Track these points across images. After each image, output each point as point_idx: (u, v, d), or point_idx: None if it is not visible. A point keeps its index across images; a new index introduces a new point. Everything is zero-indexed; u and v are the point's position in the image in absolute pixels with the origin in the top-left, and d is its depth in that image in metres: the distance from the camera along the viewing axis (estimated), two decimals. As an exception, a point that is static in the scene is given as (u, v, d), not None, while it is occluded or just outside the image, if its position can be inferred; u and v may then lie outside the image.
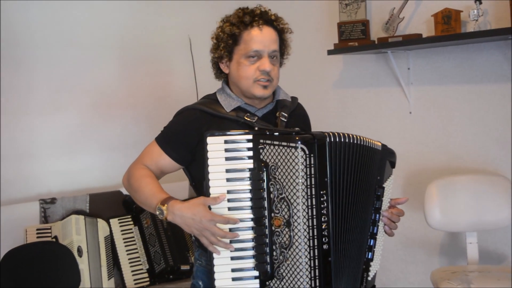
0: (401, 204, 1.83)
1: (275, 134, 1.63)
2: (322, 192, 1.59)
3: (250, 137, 1.64)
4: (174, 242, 3.16)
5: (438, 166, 3.06)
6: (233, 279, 1.62)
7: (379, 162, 1.76)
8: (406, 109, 3.18)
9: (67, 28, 3.39)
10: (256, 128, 1.73)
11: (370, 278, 1.76)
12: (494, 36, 2.54)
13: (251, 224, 1.63)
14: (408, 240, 3.23)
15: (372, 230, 1.75)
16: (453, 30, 2.70)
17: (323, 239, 1.59)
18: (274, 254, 1.61)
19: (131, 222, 3.22)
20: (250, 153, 1.64)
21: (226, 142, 1.63)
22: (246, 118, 1.78)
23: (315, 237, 1.58)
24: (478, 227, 2.67)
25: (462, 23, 2.74)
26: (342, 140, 1.63)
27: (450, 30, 2.70)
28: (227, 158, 1.63)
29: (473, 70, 2.88)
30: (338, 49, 3.17)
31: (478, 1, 2.63)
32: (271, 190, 1.61)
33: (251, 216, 1.63)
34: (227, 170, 1.63)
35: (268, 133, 1.64)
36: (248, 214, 1.64)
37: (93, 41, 3.47)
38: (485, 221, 2.66)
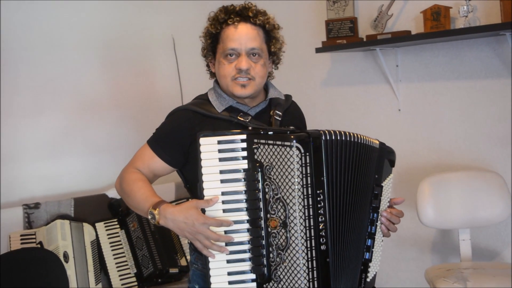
0: (397, 204, 1.81)
1: (270, 133, 1.60)
2: (318, 191, 1.56)
3: (244, 137, 1.61)
4: (162, 245, 3.12)
5: (429, 164, 3.05)
6: (229, 283, 1.60)
7: (377, 160, 1.73)
8: (395, 106, 3.17)
9: (50, 29, 3.32)
10: (250, 127, 1.69)
11: (369, 279, 1.73)
12: (485, 32, 2.53)
13: (247, 226, 1.60)
14: (399, 238, 3.22)
15: (370, 230, 1.72)
16: (442, 27, 2.69)
17: (321, 240, 1.57)
18: (271, 256, 1.59)
19: (117, 226, 3.18)
20: (244, 153, 1.61)
21: (219, 142, 1.60)
22: (239, 118, 1.74)
23: (312, 237, 1.55)
24: (471, 224, 2.68)
25: (451, 20, 2.74)
26: (339, 138, 1.60)
27: (439, 26, 2.70)
28: (221, 159, 1.60)
29: (462, 66, 2.88)
30: (326, 47, 3.15)
31: (468, -4, 2.64)
32: (267, 190, 1.58)
33: (247, 217, 1.60)
34: (221, 171, 1.60)
35: (262, 132, 1.61)
36: (243, 215, 1.61)
37: (76, 42, 3.42)
38: (478, 217, 2.66)
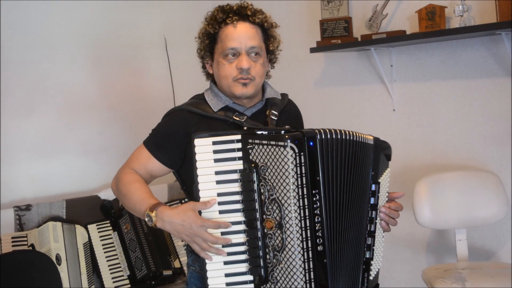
0: (397, 198, 1.78)
1: (264, 133, 1.58)
2: (314, 191, 1.55)
3: (239, 137, 1.59)
4: (155, 247, 3.09)
5: (424, 163, 3.05)
6: (227, 284, 1.58)
7: (373, 156, 1.71)
8: (389, 106, 3.16)
9: (42, 28, 3.29)
10: (245, 127, 1.68)
11: (372, 278, 1.72)
12: (480, 31, 2.53)
13: (243, 227, 1.59)
14: (394, 238, 3.20)
15: (369, 228, 1.70)
16: (437, 26, 2.69)
17: (317, 240, 1.55)
18: (267, 257, 1.57)
19: (110, 228, 3.15)
20: (239, 153, 1.59)
21: (214, 143, 1.58)
22: (234, 118, 1.73)
23: (309, 238, 1.54)
24: (467, 224, 2.68)
25: (446, 19, 2.73)
26: (334, 136, 1.59)
27: (434, 26, 2.69)
28: (216, 160, 1.59)
29: (457, 66, 2.88)
30: (321, 46, 3.14)
31: (463, -4, 2.63)
32: (262, 191, 1.56)
33: (243, 219, 1.59)
34: (217, 172, 1.59)
35: (257, 132, 1.59)
36: (239, 217, 1.59)
37: (68, 41, 3.38)
38: (474, 217, 2.67)
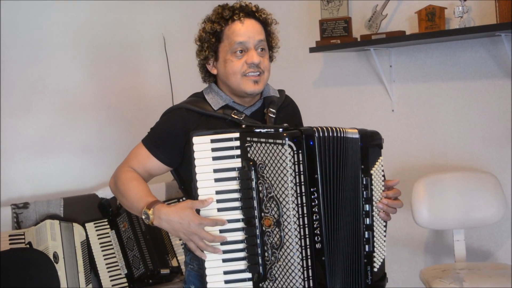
0: (393, 185, 1.74)
1: (262, 131, 1.58)
2: (312, 189, 1.55)
3: (237, 135, 1.60)
4: (153, 246, 3.09)
5: (422, 164, 3.05)
6: (225, 282, 1.59)
7: (361, 149, 1.67)
8: (388, 107, 3.16)
9: (39, 27, 3.29)
10: (243, 125, 1.68)
11: (376, 269, 1.70)
12: (480, 32, 2.53)
13: (241, 225, 1.59)
14: (391, 238, 3.20)
15: (366, 222, 1.68)
16: (437, 27, 2.69)
17: (316, 238, 1.56)
18: (266, 255, 1.58)
19: (108, 226, 3.15)
20: (238, 151, 1.59)
21: (212, 141, 1.59)
22: (233, 116, 1.73)
23: (307, 236, 1.54)
24: (465, 225, 2.68)
25: (445, 20, 2.73)
26: (330, 134, 1.60)
27: (434, 27, 2.69)
28: (214, 158, 1.59)
29: (457, 67, 2.88)
30: (320, 46, 3.14)
31: (463, -3, 2.63)
32: (260, 189, 1.57)
33: (241, 216, 1.59)
34: (215, 170, 1.59)
35: (255, 130, 1.59)
36: (238, 214, 1.60)
37: (66, 41, 3.38)
38: (473, 218, 2.67)
